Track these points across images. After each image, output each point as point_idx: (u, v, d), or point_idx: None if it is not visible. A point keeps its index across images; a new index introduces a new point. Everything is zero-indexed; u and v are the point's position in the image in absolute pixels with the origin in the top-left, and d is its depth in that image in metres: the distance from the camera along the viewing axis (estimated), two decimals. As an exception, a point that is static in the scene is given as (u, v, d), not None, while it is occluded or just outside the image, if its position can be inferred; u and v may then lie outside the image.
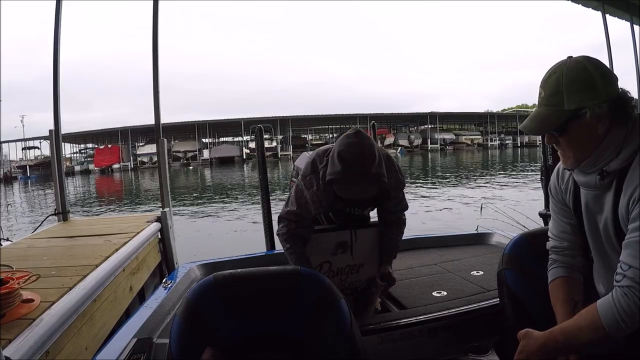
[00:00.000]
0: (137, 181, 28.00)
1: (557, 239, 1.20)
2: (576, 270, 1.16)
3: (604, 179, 1.00)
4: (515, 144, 48.23)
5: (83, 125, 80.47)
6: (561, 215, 1.19)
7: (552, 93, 0.99)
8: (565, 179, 1.16)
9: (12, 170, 36.48)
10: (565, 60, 1.01)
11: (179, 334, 1.04)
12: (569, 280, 1.15)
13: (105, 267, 2.30)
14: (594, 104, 0.96)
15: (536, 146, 38.19)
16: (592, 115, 0.96)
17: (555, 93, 0.98)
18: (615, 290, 0.93)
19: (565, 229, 1.18)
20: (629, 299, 0.90)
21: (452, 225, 7.60)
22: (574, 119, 0.97)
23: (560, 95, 0.98)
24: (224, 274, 1.13)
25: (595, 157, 1.00)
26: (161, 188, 3.82)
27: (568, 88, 0.97)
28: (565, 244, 1.18)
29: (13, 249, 2.88)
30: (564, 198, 1.17)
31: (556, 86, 0.99)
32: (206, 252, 5.15)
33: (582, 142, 1.00)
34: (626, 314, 0.90)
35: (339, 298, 1.12)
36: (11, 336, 1.45)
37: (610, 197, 1.00)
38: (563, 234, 1.19)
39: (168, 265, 3.51)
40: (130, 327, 1.44)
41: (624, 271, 0.92)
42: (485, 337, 1.45)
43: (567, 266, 1.17)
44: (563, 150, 1.04)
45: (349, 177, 1.41)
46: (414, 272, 1.93)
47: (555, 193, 1.20)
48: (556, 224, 1.21)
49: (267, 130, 39.39)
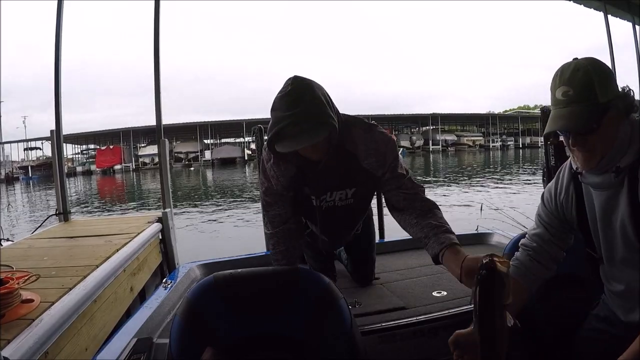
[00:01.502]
0: (139, 182, 28.03)
1: (530, 240, 1.22)
2: (528, 275, 1.18)
3: (619, 175, 1.00)
4: (517, 145, 48.19)
5: (84, 125, 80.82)
6: (547, 223, 1.20)
7: (583, 87, 0.97)
8: (565, 188, 1.15)
9: (13, 171, 36.57)
10: (575, 59, 1.01)
11: (179, 334, 1.05)
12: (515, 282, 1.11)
13: (105, 267, 2.30)
14: (617, 96, 0.97)
15: (537, 147, 38.14)
16: (617, 109, 0.97)
17: (588, 86, 0.97)
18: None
19: (544, 236, 1.20)
20: None
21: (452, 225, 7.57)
22: (606, 112, 0.97)
23: (592, 89, 0.97)
24: (224, 273, 1.14)
25: (613, 154, 1.00)
26: (162, 189, 3.83)
27: (599, 81, 0.97)
28: (534, 245, 1.20)
29: (13, 249, 2.88)
30: (559, 207, 1.17)
31: (587, 80, 0.97)
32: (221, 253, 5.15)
33: (610, 137, 0.99)
34: None
35: (339, 298, 1.12)
36: (10, 336, 1.45)
37: (624, 194, 1.00)
38: (538, 239, 1.21)
39: (169, 265, 3.51)
40: (130, 327, 1.44)
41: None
42: None
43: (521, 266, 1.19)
44: (589, 149, 1.01)
45: (282, 125, 1.17)
46: (414, 272, 1.92)
47: (549, 203, 1.20)
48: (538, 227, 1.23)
49: (268, 131, 39.35)
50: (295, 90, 1.18)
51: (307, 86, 1.21)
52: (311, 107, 1.18)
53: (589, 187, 1.09)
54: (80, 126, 70.38)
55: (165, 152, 3.87)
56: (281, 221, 1.47)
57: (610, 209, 1.05)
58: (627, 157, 0.99)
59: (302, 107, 1.16)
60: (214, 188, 20.09)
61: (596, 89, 0.96)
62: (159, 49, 3.74)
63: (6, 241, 3.18)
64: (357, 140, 1.35)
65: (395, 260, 2.09)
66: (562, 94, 0.99)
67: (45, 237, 3.18)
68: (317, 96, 1.20)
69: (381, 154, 1.37)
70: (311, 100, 1.18)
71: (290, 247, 1.49)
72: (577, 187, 1.12)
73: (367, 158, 1.36)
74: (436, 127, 49.14)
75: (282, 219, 1.47)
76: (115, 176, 36.06)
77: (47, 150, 39.51)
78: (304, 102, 1.17)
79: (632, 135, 0.99)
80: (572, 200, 1.14)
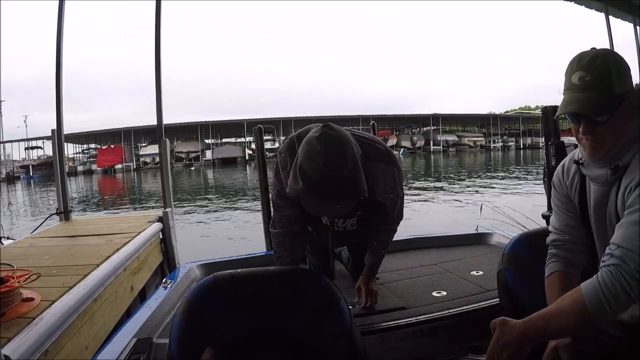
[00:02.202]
0: (139, 181, 28.06)
1: (560, 233, 1.17)
2: (575, 267, 1.14)
3: (615, 172, 0.99)
4: (517, 146, 48.17)
5: (84, 125, 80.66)
6: (565, 210, 1.17)
7: (602, 75, 0.97)
8: (571, 175, 1.15)
9: (14, 170, 36.61)
10: (593, 49, 1.01)
11: (179, 334, 1.05)
12: (566, 276, 1.12)
13: (106, 266, 2.31)
14: (629, 90, 0.97)
15: (538, 148, 38.10)
16: (632, 102, 0.97)
17: (606, 74, 0.96)
18: (601, 270, 0.91)
19: (570, 223, 1.16)
20: (614, 277, 0.87)
21: (452, 225, 7.60)
22: (621, 103, 0.97)
23: (610, 78, 0.96)
24: (224, 273, 1.14)
25: (620, 148, 0.99)
26: (163, 188, 3.84)
27: (616, 71, 0.97)
28: (567, 237, 1.16)
29: (14, 248, 2.89)
30: (569, 193, 1.16)
31: (606, 68, 0.97)
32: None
33: (621, 129, 0.98)
34: (610, 294, 0.87)
35: (339, 298, 1.12)
36: (10, 335, 1.45)
37: (614, 191, 1.01)
38: (567, 228, 1.16)
39: (170, 265, 3.52)
40: (130, 327, 1.44)
41: (611, 251, 0.91)
42: (485, 337, 1.43)
43: (565, 261, 1.14)
44: (598, 139, 1.00)
45: (312, 196, 1.16)
46: (413, 272, 1.93)
47: (560, 188, 1.18)
48: (559, 217, 1.19)
49: (270, 131, 39.46)
50: (334, 155, 1.14)
51: (343, 152, 1.16)
52: (349, 183, 1.16)
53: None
54: (81, 126, 70.55)
55: (166, 152, 3.87)
56: (289, 222, 1.49)
57: (602, 203, 1.05)
58: (628, 155, 0.98)
59: (339, 183, 1.14)
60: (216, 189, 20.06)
61: (614, 77, 0.96)
62: (160, 48, 3.74)
63: (6, 239, 3.19)
64: (377, 174, 1.37)
65: (395, 260, 2.09)
66: (578, 78, 0.98)
67: (46, 236, 3.18)
68: (355, 166, 1.18)
69: (395, 190, 1.45)
70: (351, 174, 1.16)
71: (294, 246, 1.51)
72: (581, 176, 1.12)
73: (384, 193, 1.42)
74: (437, 127, 49.13)
75: (290, 220, 1.48)
76: (116, 175, 36.10)
77: (48, 149, 39.59)
78: (342, 179, 1.14)
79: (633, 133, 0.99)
80: (576, 189, 1.13)
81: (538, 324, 0.93)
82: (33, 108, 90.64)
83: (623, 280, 0.86)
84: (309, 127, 1.34)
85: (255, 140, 2.93)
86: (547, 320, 0.93)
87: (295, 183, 1.18)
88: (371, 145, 1.39)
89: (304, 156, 1.16)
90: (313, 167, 1.13)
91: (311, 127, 1.32)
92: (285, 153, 1.38)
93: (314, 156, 1.13)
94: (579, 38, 65.27)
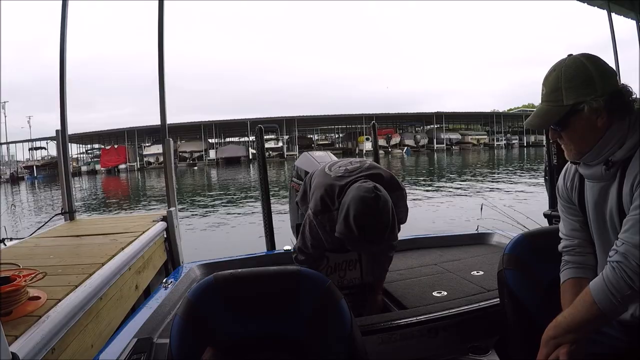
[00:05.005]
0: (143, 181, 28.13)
1: (568, 238, 1.21)
2: (587, 269, 1.16)
3: (610, 169, 1.03)
4: (521, 144, 47.84)
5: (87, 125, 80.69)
6: (569, 214, 1.21)
7: (552, 89, 1.05)
8: (571, 177, 1.19)
9: (18, 171, 36.73)
10: (565, 58, 1.06)
11: (179, 334, 1.05)
12: (578, 282, 1.14)
13: (111, 265, 2.33)
14: (591, 98, 1.00)
15: (542, 146, 37.85)
16: (590, 110, 1.01)
17: (555, 89, 1.04)
18: (606, 266, 0.96)
19: (575, 227, 1.20)
20: (616, 272, 0.92)
21: (453, 224, 7.59)
22: (574, 113, 1.03)
23: (559, 92, 1.03)
24: (224, 274, 1.14)
25: (598, 149, 1.04)
26: (167, 187, 3.86)
27: (566, 84, 1.03)
28: (575, 241, 1.19)
29: (20, 248, 2.92)
30: (570, 196, 1.19)
31: (556, 83, 1.04)
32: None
33: (583, 135, 1.04)
34: (615, 288, 0.92)
35: (339, 298, 1.12)
36: (18, 333, 1.48)
37: (615, 187, 1.03)
38: (573, 232, 1.20)
39: (174, 264, 3.55)
40: (131, 327, 1.45)
41: (617, 247, 0.95)
42: (485, 337, 1.45)
43: (578, 266, 1.17)
44: (566, 143, 1.09)
45: (363, 241, 1.45)
46: (414, 272, 1.93)
47: (563, 192, 1.22)
48: (565, 223, 1.22)
49: (273, 130, 39.41)
50: (386, 214, 1.44)
51: (389, 208, 1.45)
52: (392, 231, 1.49)
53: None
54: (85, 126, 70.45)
55: (170, 152, 3.89)
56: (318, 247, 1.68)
57: (601, 200, 1.08)
58: (621, 151, 1.01)
59: (381, 229, 1.43)
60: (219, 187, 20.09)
61: (562, 91, 1.03)
62: (163, 48, 3.76)
63: (9, 240, 3.21)
64: (398, 204, 1.58)
65: (396, 260, 2.09)
66: (541, 91, 1.08)
67: (51, 236, 3.22)
68: (394, 216, 1.48)
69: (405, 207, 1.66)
70: (393, 223, 1.47)
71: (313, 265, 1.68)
72: (580, 177, 1.15)
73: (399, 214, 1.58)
74: (440, 125, 48.86)
75: (320, 249, 1.69)
76: (120, 175, 36.15)
77: (52, 150, 39.60)
78: (389, 228, 1.45)
79: (629, 132, 1.01)
80: (575, 189, 1.17)
81: (562, 324, 1.01)
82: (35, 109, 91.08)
83: (625, 276, 0.91)
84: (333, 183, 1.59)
85: (256, 141, 2.95)
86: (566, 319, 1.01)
87: (349, 231, 1.43)
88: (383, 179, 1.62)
89: (361, 212, 1.42)
90: (372, 225, 1.42)
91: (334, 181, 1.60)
92: (322, 216, 1.58)
93: (370, 212, 1.42)
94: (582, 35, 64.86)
